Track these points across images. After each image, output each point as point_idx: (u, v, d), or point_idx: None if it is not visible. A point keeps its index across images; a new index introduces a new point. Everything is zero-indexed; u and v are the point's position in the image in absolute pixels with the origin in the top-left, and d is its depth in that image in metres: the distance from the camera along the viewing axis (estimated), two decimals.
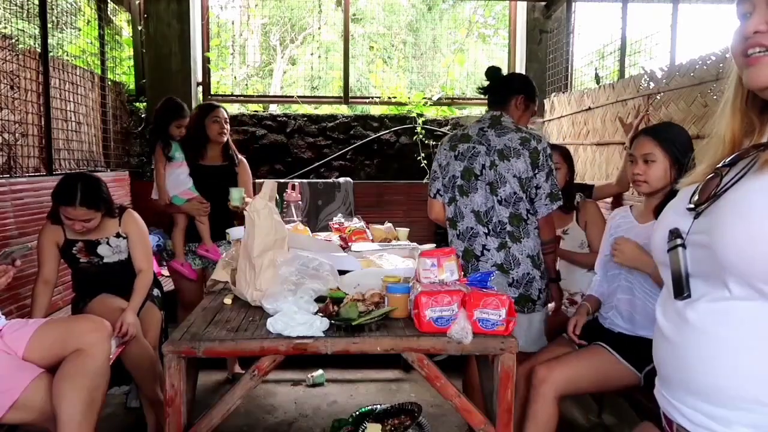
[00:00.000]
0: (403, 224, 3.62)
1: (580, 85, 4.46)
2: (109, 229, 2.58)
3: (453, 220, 2.43)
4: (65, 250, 2.53)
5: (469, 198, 2.38)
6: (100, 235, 2.55)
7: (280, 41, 6.62)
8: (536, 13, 4.87)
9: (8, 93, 3.09)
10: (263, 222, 1.97)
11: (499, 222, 2.32)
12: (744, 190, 0.82)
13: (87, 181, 2.42)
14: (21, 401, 1.79)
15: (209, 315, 1.85)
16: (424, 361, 1.63)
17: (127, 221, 2.62)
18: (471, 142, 2.40)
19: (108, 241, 2.57)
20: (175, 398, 1.58)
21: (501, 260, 2.32)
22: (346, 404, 3.06)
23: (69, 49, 4.01)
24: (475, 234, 2.36)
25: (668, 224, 0.96)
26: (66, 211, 2.38)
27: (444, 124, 4.94)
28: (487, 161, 2.35)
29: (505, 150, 2.34)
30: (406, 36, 6.05)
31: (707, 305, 0.86)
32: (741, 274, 0.80)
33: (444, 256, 1.86)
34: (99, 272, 2.57)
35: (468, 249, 2.37)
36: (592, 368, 1.99)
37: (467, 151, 2.39)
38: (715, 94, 2.48)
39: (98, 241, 2.55)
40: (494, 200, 2.35)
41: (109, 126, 4.33)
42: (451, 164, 2.42)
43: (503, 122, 2.41)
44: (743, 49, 0.83)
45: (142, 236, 2.65)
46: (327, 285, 1.92)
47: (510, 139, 2.35)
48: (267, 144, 4.80)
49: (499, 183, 2.34)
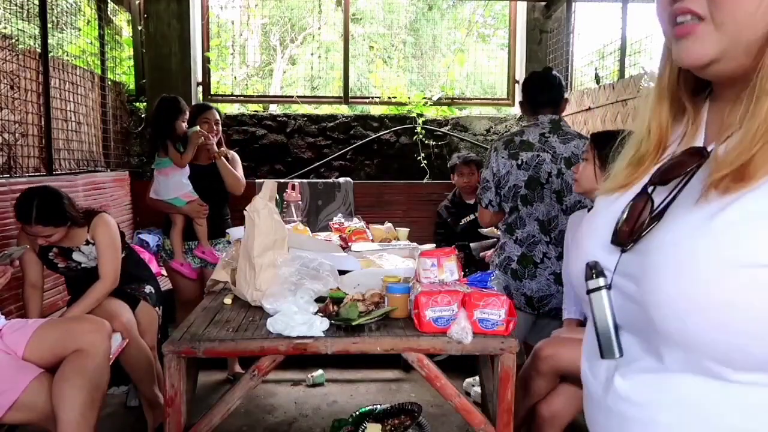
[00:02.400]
0: (403, 224, 3.62)
1: (580, 85, 4.46)
2: (78, 238, 2.52)
3: (511, 225, 2.41)
4: (42, 256, 2.51)
5: (533, 207, 2.36)
6: (72, 244, 2.51)
7: (280, 41, 6.62)
8: (536, 13, 4.86)
9: (8, 93, 3.09)
10: (263, 222, 1.97)
11: (561, 231, 2.31)
12: (684, 226, 0.57)
13: (44, 197, 2.33)
14: (21, 401, 1.79)
15: (209, 315, 1.85)
16: (424, 361, 1.63)
17: (96, 226, 2.53)
18: (534, 150, 2.36)
19: (80, 249, 2.53)
20: (175, 398, 1.58)
21: (560, 270, 2.32)
22: (346, 404, 3.06)
23: (69, 49, 4.00)
24: (537, 241, 2.35)
25: (587, 252, 0.70)
26: (24, 227, 2.36)
27: (444, 124, 4.94)
28: (554, 169, 2.34)
29: (573, 158, 2.32)
30: (406, 36, 6.04)
31: (639, 375, 0.62)
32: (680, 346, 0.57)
33: (444, 256, 1.86)
34: (83, 275, 2.55)
35: (526, 255, 2.36)
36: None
37: (531, 160, 2.36)
38: None
39: (71, 249, 2.52)
40: (559, 209, 2.34)
41: (109, 126, 4.32)
42: (513, 173, 2.38)
43: (563, 127, 2.39)
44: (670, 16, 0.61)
45: (111, 242, 2.55)
46: (327, 285, 1.92)
47: (576, 146, 2.33)
48: (267, 144, 4.80)
49: (566, 191, 2.33)
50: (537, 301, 2.36)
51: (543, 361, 1.96)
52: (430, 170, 4.75)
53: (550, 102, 2.42)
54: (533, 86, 2.46)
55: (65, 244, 2.49)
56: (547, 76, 2.47)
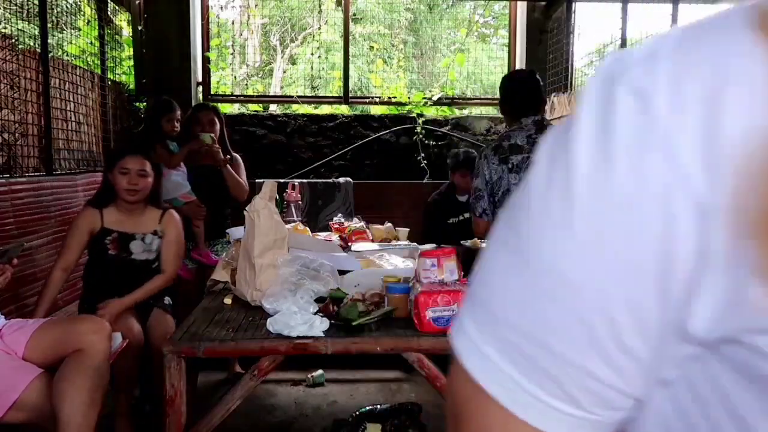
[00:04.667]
0: (403, 224, 3.61)
1: (580, 85, 4.46)
2: (147, 225, 2.55)
3: None
4: (98, 238, 2.48)
5: None
6: (137, 229, 2.52)
7: (280, 41, 6.62)
8: (536, 13, 4.86)
9: (8, 93, 3.09)
10: (263, 222, 1.97)
11: None
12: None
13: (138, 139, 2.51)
14: (21, 401, 1.78)
15: (209, 315, 1.85)
16: (424, 361, 1.63)
17: (168, 220, 2.59)
18: (524, 153, 2.35)
19: (143, 238, 2.53)
20: (175, 398, 1.58)
21: None
22: (346, 404, 3.06)
23: (69, 49, 4.00)
24: None
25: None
26: (124, 161, 2.42)
27: (444, 124, 4.93)
28: None
29: None
30: (406, 36, 6.05)
31: None
32: None
33: (444, 256, 1.86)
34: (120, 269, 2.51)
35: None
36: None
37: (522, 163, 2.35)
38: None
39: (133, 236, 2.51)
40: None
41: (109, 126, 4.32)
42: (505, 178, 2.37)
43: (548, 126, 2.40)
44: None
45: (179, 240, 2.62)
46: (327, 285, 1.92)
47: None
48: (267, 144, 4.80)
49: None
50: None
51: None
52: (430, 170, 4.74)
53: (532, 106, 2.42)
54: (513, 91, 2.46)
55: (129, 230, 2.51)
56: (527, 79, 2.46)
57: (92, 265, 2.58)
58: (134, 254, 2.52)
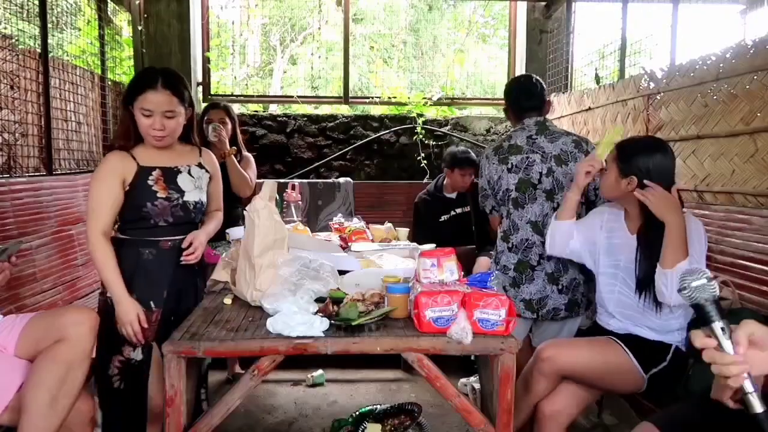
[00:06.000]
0: (403, 224, 3.61)
1: (580, 85, 4.46)
2: (188, 157, 2.16)
3: (506, 233, 2.44)
4: (138, 183, 2.01)
5: (525, 209, 2.38)
6: (179, 162, 2.11)
7: (280, 41, 6.62)
8: (536, 13, 4.86)
9: (8, 93, 3.09)
10: (263, 222, 1.97)
11: None
12: None
13: (167, 70, 2.06)
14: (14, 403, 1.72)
15: (209, 315, 1.85)
16: (424, 361, 1.63)
17: (207, 157, 2.25)
18: (523, 153, 2.39)
19: (189, 170, 2.13)
20: (175, 398, 1.58)
21: (552, 269, 2.35)
22: (346, 404, 3.06)
23: (69, 49, 4.00)
24: (531, 244, 2.37)
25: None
26: (146, 99, 1.95)
27: (444, 124, 4.94)
28: (544, 169, 2.35)
29: (562, 155, 2.35)
30: (406, 36, 6.05)
31: None
32: None
33: (444, 256, 1.87)
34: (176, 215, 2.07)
35: (522, 260, 2.38)
36: (601, 360, 1.94)
37: (521, 163, 2.39)
38: (715, 94, 2.49)
39: (178, 169, 2.10)
40: (550, 207, 2.35)
41: (109, 126, 4.32)
42: (504, 178, 2.41)
43: (550, 127, 2.42)
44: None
45: (220, 178, 2.33)
46: (327, 285, 1.92)
47: (564, 143, 2.37)
48: (267, 144, 4.80)
49: (557, 189, 2.35)
50: (536, 303, 2.36)
51: (544, 362, 1.96)
52: (430, 170, 4.75)
53: (534, 108, 2.46)
54: (516, 94, 2.51)
55: (171, 163, 2.09)
56: (529, 83, 2.51)
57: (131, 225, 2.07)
58: (186, 192, 2.09)
